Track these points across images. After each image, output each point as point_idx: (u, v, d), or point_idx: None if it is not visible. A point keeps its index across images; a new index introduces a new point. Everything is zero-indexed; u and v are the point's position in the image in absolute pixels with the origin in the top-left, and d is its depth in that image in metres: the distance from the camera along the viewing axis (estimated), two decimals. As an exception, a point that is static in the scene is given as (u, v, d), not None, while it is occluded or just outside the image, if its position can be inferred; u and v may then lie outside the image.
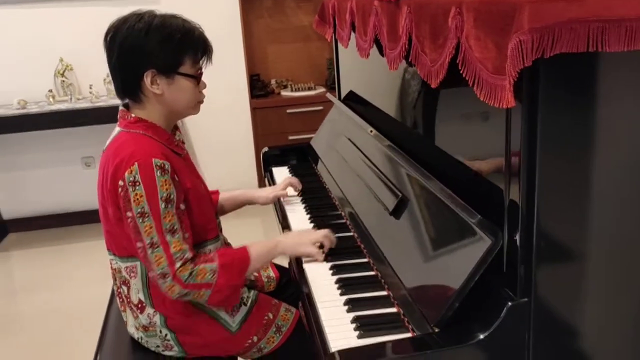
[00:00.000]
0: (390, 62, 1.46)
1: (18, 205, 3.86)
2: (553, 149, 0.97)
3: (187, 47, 1.43)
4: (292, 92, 3.95)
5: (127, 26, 1.40)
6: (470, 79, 1.02)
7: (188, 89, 1.46)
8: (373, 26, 1.60)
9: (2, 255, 3.66)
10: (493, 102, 0.95)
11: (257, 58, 4.03)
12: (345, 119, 2.04)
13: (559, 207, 1.02)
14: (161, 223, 1.35)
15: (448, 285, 1.10)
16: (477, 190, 1.21)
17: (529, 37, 0.84)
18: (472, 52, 1.01)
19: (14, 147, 3.72)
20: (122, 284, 1.52)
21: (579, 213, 1.03)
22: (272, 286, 1.76)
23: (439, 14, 1.16)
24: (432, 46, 1.20)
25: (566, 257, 1.05)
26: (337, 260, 1.47)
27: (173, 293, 1.38)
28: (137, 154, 1.37)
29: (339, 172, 1.92)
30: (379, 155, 1.64)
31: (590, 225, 1.04)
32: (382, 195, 1.50)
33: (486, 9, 0.96)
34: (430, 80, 1.22)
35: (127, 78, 1.43)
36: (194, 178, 1.52)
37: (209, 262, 1.40)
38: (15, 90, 3.58)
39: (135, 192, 1.35)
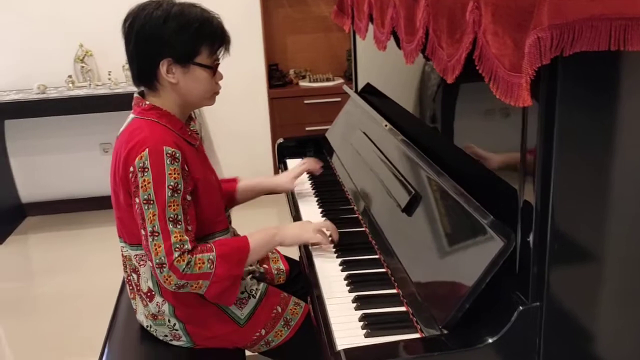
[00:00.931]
0: (407, 55, 1.43)
1: (36, 189, 3.90)
2: (570, 149, 0.94)
3: (205, 36, 1.42)
4: (311, 82, 3.93)
5: (145, 13, 1.40)
6: (486, 75, 0.99)
7: (203, 79, 1.45)
8: (390, 18, 1.57)
9: (20, 238, 3.70)
10: (509, 100, 0.92)
11: (276, 48, 4.01)
12: (361, 112, 2.01)
13: (575, 208, 0.99)
14: (165, 211, 1.34)
15: (458, 286, 1.07)
16: (492, 188, 1.18)
17: (548, 34, 0.81)
18: (489, 48, 0.98)
19: (34, 131, 3.76)
20: (132, 272, 1.52)
21: (595, 215, 1.00)
22: (282, 279, 1.75)
23: (456, 7, 1.13)
24: (449, 41, 1.17)
25: (581, 261, 1.02)
26: (347, 256, 1.46)
27: (170, 284, 1.36)
28: (148, 141, 1.36)
29: (353, 166, 1.90)
30: (393, 150, 1.61)
31: (606, 228, 1.01)
32: (395, 191, 1.48)
33: (505, 4, 0.93)
34: (446, 76, 1.19)
35: (143, 66, 1.43)
36: (205, 169, 1.51)
37: (206, 252, 1.38)
38: (36, 75, 3.60)
39: (143, 178, 1.35)
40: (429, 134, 1.57)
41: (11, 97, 3.44)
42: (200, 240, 1.47)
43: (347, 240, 1.54)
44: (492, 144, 1.21)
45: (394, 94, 1.91)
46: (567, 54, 0.83)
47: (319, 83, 3.91)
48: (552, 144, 0.93)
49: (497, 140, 1.18)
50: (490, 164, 1.20)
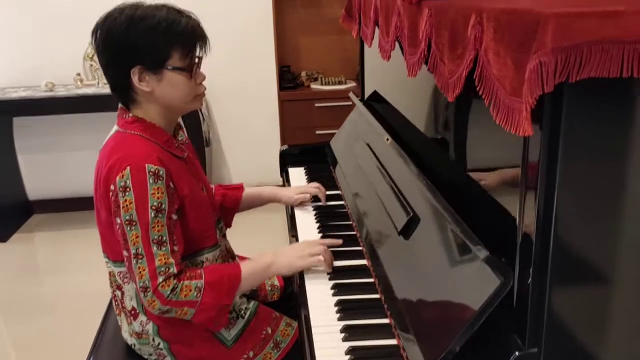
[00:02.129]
0: (410, 68, 1.35)
1: (43, 187, 3.88)
2: (575, 187, 0.85)
3: (173, 38, 1.31)
4: (322, 85, 3.85)
5: (109, 21, 1.32)
6: (486, 97, 0.91)
7: (180, 84, 1.35)
8: (395, 27, 1.49)
9: (27, 236, 3.68)
10: (509, 127, 0.83)
11: (288, 49, 3.93)
12: (365, 122, 1.93)
13: (578, 248, 0.90)
14: (148, 233, 1.27)
15: (451, 324, 0.99)
16: (492, 214, 1.09)
17: (551, 58, 0.72)
18: (490, 68, 0.90)
19: (42, 128, 3.73)
20: (116, 289, 1.46)
21: (601, 255, 0.90)
22: (276, 296, 1.68)
23: (458, 20, 1.04)
24: (450, 56, 1.09)
25: (583, 305, 0.92)
26: (340, 279, 1.38)
27: (154, 308, 1.30)
28: (130, 158, 1.29)
29: (354, 179, 1.82)
30: (394, 166, 1.53)
31: (613, 269, 0.91)
32: (393, 210, 1.39)
33: (507, 20, 0.84)
34: (447, 93, 1.11)
35: (115, 77, 1.36)
36: (194, 182, 1.44)
37: (195, 278, 1.31)
38: (44, 72, 3.57)
39: (125, 198, 1.28)
40: (431, 150, 1.49)
41: (19, 94, 3.41)
42: (188, 258, 1.40)
43: (343, 258, 1.47)
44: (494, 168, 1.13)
45: (399, 104, 1.83)
46: (574, 80, 0.74)
47: (331, 86, 3.83)
48: (555, 179, 0.84)
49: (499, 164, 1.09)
50: (491, 188, 1.12)
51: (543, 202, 0.87)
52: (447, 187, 1.29)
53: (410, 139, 1.67)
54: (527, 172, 0.90)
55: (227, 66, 3.62)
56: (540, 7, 0.77)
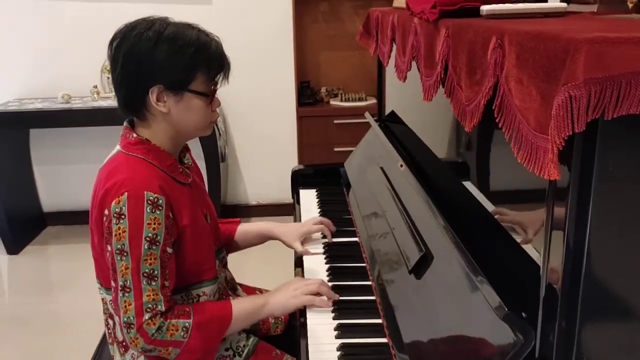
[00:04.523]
0: (426, 91, 1.25)
1: (58, 199, 3.84)
2: (608, 231, 0.74)
3: (201, 62, 1.25)
4: (342, 101, 3.75)
5: (135, 34, 1.24)
6: (507, 131, 0.80)
7: (198, 108, 1.28)
8: (411, 47, 1.39)
9: (39, 248, 3.64)
10: (532, 167, 0.72)
11: (308, 64, 3.85)
12: (380, 144, 1.82)
13: (612, 304, 0.78)
14: (139, 266, 1.19)
15: (462, 384, 0.87)
16: (512, 260, 0.98)
17: (583, 92, 0.61)
18: (512, 97, 0.79)
19: (58, 140, 3.70)
20: (108, 317, 1.38)
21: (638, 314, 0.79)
22: (280, 329, 1.57)
23: (477, 42, 0.94)
24: (468, 81, 0.98)
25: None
26: (345, 318, 1.27)
27: (136, 346, 1.21)
28: (129, 183, 1.21)
29: (366, 206, 1.71)
30: (407, 195, 1.42)
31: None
32: (405, 245, 1.28)
33: (531, 45, 0.74)
34: (463, 122, 1.00)
35: (130, 93, 1.28)
36: (197, 210, 1.34)
37: (182, 317, 1.22)
38: (61, 83, 3.54)
39: (118, 226, 1.19)
40: (447, 179, 1.38)
41: (35, 106, 3.38)
42: (183, 291, 1.31)
43: (350, 294, 1.36)
44: (516, 203, 1.02)
45: (415, 126, 1.72)
46: (610, 117, 0.63)
47: (350, 102, 3.73)
48: (587, 227, 0.73)
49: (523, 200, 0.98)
50: (512, 227, 1.00)
51: (572, 250, 0.76)
52: (463, 222, 1.18)
53: (426, 165, 1.56)
54: (553, 215, 0.78)
55: (245, 80, 3.55)
56: (570, 32, 0.67)
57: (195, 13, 3.58)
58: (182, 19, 1.31)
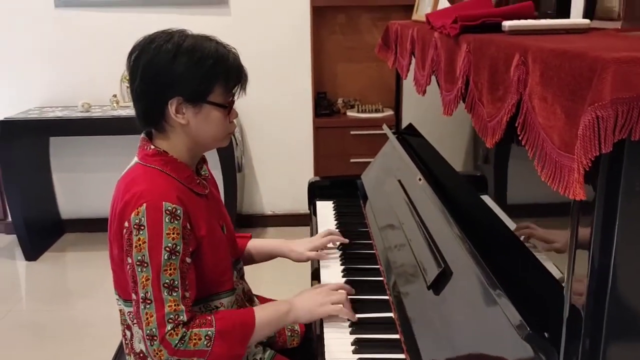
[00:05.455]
0: (446, 106, 1.24)
1: (76, 206, 3.88)
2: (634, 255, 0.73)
3: (219, 74, 1.27)
4: (359, 113, 3.75)
5: (154, 46, 1.26)
6: (530, 149, 0.79)
7: (216, 120, 1.30)
8: (431, 61, 1.39)
9: (57, 255, 3.67)
10: (557, 187, 0.72)
11: (325, 75, 3.86)
12: (398, 157, 1.82)
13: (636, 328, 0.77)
14: (160, 276, 1.19)
15: (482, 404, 0.86)
16: (534, 278, 0.97)
17: (611, 112, 0.61)
18: (535, 115, 0.78)
19: (77, 148, 3.74)
20: (126, 328, 1.38)
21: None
22: (296, 342, 1.56)
23: (500, 58, 0.93)
24: (490, 97, 0.98)
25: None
26: (363, 333, 1.26)
27: (161, 359, 1.21)
28: (147, 194, 1.22)
29: (383, 218, 1.70)
30: (426, 209, 1.41)
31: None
32: (424, 260, 1.27)
33: (557, 63, 0.73)
34: (485, 138, 1.00)
35: (149, 105, 1.29)
36: (214, 221, 1.35)
37: (205, 326, 1.22)
38: (81, 92, 3.59)
39: (138, 237, 1.20)
40: (466, 193, 1.37)
41: (56, 114, 3.43)
42: (201, 302, 1.31)
43: (367, 310, 1.35)
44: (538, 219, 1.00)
45: (434, 139, 1.71)
46: (637, 138, 0.63)
47: (367, 114, 3.73)
48: (612, 246, 0.72)
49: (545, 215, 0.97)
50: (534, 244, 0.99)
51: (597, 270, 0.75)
52: (482, 237, 1.17)
53: (444, 178, 1.55)
54: (577, 234, 0.77)
55: (262, 91, 3.57)
56: (596, 50, 0.66)
57: (213, 22, 3.61)
58: (200, 28, 1.32)
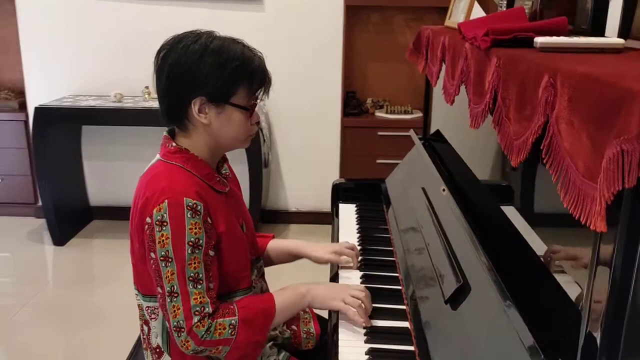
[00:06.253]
0: (473, 118, 1.23)
1: (105, 194, 3.95)
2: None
3: (244, 76, 1.29)
4: (387, 113, 3.73)
5: (182, 46, 1.28)
6: (554, 173, 0.78)
7: (238, 121, 1.31)
8: (461, 71, 1.37)
9: (84, 241, 3.74)
10: (579, 214, 0.70)
11: (355, 74, 3.85)
12: (423, 164, 1.81)
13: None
14: (184, 270, 1.22)
15: None
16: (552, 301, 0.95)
17: (637, 146, 0.59)
18: (561, 139, 0.77)
19: (108, 137, 3.81)
20: (144, 323, 1.40)
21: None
22: (311, 344, 1.57)
23: (529, 77, 0.92)
24: (517, 115, 0.96)
25: None
26: (377, 343, 1.26)
27: (188, 349, 1.25)
28: (168, 190, 1.24)
29: (405, 226, 1.69)
30: (449, 222, 1.40)
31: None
32: (443, 273, 1.26)
33: (585, 89, 0.72)
34: (510, 156, 0.98)
35: (173, 103, 1.31)
36: (233, 219, 1.37)
37: (228, 315, 1.26)
38: (114, 82, 3.65)
39: (161, 233, 1.22)
40: (490, 207, 1.35)
41: (89, 103, 3.49)
42: (220, 299, 1.33)
43: (382, 317, 1.35)
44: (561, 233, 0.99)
45: (461, 149, 1.70)
46: (663, 173, 0.61)
47: (396, 115, 3.71)
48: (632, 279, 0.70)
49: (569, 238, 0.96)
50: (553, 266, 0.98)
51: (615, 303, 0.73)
52: (504, 254, 1.15)
53: (468, 189, 1.53)
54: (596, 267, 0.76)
55: (292, 88, 3.58)
56: (628, 79, 0.64)
57: (247, 18, 3.62)
58: (234, 23, 1.33)
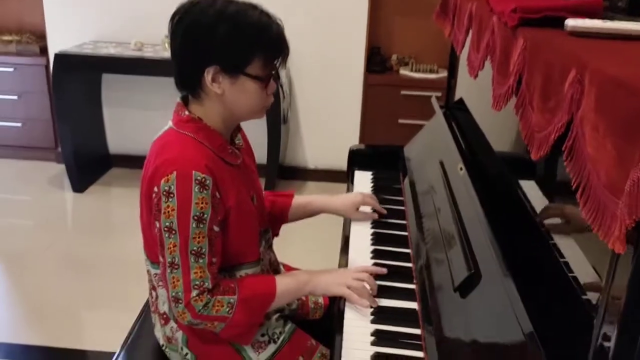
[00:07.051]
0: (496, 99, 1.16)
1: (124, 142, 3.95)
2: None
3: (260, 45, 1.23)
4: (412, 72, 3.63)
5: (198, 9, 1.23)
6: (574, 178, 0.73)
7: (253, 92, 1.26)
8: (486, 45, 1.30)
9: (103, 189, 3.78)
10: (597, 229, 0.66)
11: (381, 30, 3.72)
12: (443, 137, 1.75)
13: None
14: (187, 243, 1.21)
15: None
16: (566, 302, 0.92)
17: (664, 169, 0.54)
18: (585, 143, 0.71)
19: (128, 84, 3.77)
20: (152, 289, 1.41)
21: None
22: (319, 314, 1.56)
23: (555, 66, 0.85)
24: (540, 105, 0.90)
25: None
26: (383, 324, 1.24)
27: (184, 320, 1.25)
28: (178, 161, 1.21)
29: (421, 201, 1.65)
30: (464, 204, 1.35)
31: None
32: (454, 258, 1.23)
33: (614, 92, 0.66)
34: (530, 147, 0.93)
35: (186, 70, 1.27)
36: (244, 191, 1.34)
37: (228, 293, 1.24)
38: (135, 29, 3.59)
39: (167, 204, 1.20)
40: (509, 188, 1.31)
41: (109, 51, 3.45)
42: (225, 272, 1.32)
43: (391, 297, 1.33)
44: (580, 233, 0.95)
45: (485, 111, 1.62)
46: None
47: (421, 74, 3.60)
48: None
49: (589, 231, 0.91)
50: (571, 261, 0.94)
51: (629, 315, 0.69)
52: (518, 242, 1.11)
53: (487, 169, 1.48)
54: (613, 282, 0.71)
55: (314, 42, 3.48)
56: (661, 89, 0.58)
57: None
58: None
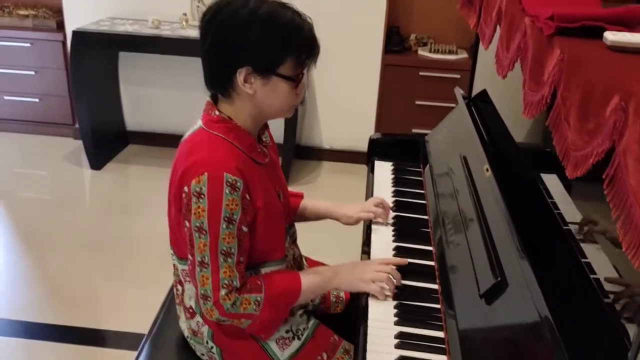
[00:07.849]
0: (527, 106, 1.15)
1: (141, 119, 3.96)
2: None
3: (293, 46, 1.23)
4: (431, 52, 3.58)
5: (230, 9, 1.22)
6: (615, 209, 0.72)
7: (284, 92, 1.26)
8: (517, 47, 1.28)
9: (120, 166, 3.80)
10: (637, 263, 0.66)
11: (400, 8, 3.67)
12: (466, 130, 1.73)
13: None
14: (217, 244, 1.22)
15: None
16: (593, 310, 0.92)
17: None
18: (628, 175, 0.71)
19: (145, 62, 3.75)
20: (177, 283, 1.43)
21: None
22: (340, 308, 1.59)
23: (595, 86, 0.84)
24: (577, 124, 0.89)
25: None
26: (406, 326, 1.25)
27: (211, 317, 1.28)
28: (209, 163, 1.22)
29: (443, 197, 1.65)
30: (492, 206, 1.35)
31: None
32: (479, 264, 1.24)
33: (663, 129, 0.65)
34: (565, 163, 0.92)
35: (217, 70, 1.27)
36: (271, 189, 1.35)
37: (254, 291, 1.27)
38: (153, 6, 3.56)
39: (198, 205, 1.22)
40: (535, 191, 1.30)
41: (126, 28, 3.43)
42: (251, 269, 1.34)
43: (413, 298, 1.34)
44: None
45: (508, 100, 1.61)
46: None
47: (440, 55, 3.55)
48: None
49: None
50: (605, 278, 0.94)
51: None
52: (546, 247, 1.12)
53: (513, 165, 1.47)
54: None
55: (332, 21, 3.43)
56: None
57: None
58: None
